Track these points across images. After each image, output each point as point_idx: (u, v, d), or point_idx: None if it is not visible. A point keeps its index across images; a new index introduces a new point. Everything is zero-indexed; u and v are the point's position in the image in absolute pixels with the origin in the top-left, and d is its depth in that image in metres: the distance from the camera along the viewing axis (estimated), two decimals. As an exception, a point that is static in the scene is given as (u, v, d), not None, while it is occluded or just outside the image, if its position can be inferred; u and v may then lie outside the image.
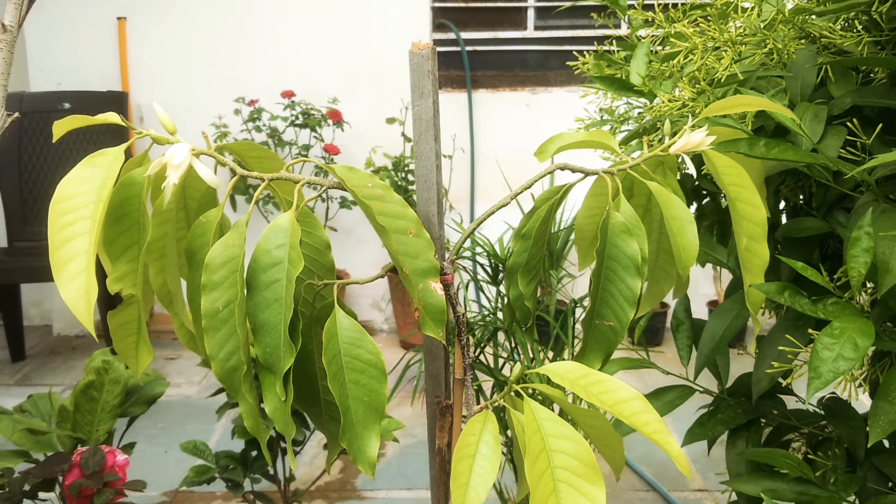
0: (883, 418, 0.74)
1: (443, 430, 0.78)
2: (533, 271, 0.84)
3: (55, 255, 0.59)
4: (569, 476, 0.64)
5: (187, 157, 0.65)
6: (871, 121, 0.89)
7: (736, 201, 0.75)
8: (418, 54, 0.71)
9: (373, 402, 0.67)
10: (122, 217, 0.65)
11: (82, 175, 0.61)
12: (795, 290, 0.81)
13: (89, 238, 0.59)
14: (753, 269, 0.77)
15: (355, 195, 0.68)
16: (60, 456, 1.23)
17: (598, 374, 0.68)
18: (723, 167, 0.74)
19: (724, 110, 0.74)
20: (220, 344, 0.63)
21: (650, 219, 0.87)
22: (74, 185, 0.61)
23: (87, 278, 0.58)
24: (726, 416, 1.04)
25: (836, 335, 0.74)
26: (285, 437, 0.64)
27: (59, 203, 0.60)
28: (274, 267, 0.64)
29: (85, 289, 0.58)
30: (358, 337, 0.67)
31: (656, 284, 0.91)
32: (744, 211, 0.75)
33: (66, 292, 0.58)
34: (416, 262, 0.70)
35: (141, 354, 0.70)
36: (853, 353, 0.72)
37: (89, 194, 0.60)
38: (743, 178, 0.74)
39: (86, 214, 0.60)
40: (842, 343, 0.73)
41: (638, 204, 0.86)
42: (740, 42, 0.92)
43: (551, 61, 3.25)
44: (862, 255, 0.75)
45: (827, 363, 0.72)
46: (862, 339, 0.72)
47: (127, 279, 0.65)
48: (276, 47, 3.18)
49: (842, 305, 0.79)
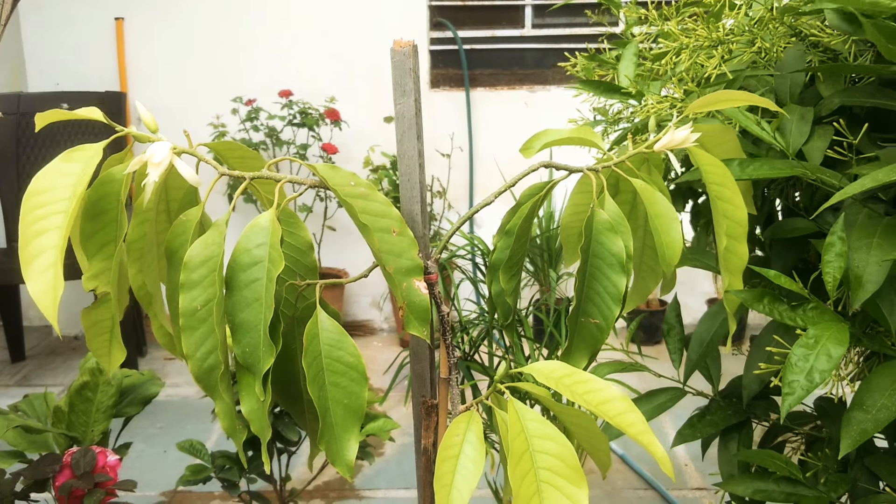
0: (855, 428, 0.73)
1: (428, 429, 0.78)
2: (515, 267, 0.83)
3: (25, 248, 0.58)
4: (552, 477, 0.64)
5: (168, 155, 0.65)
6: (861, 119, 0.88)
7: (717, 200, 0.75)
8: (400, 52, 0.71)
9: (352, 404, 0.67)
10: (100, 214, 0.64)
11: (58, 169, 0.60)
12: (774, 296, 0.80)
13: (60, 233, 0.58)
14: (732, 269, 0.77)
15: (337, 194, 0.67)
16: (52, 457, 1.23)
17: (582, 374, 0.68)
18: (707, 165, 0.74)
19: (709, 107, 0.73)
20: (197, 343, 0.62)
21: (636, 216, 0.87)
22: (50, 179, 0.60)
23: (55, 273, 0.57)
24: (717, 417, 1.04)
25: (811, 345, 0.73)
26: (261, 439, 0.63)
27: (32, 197, 0.59)
28: (254, 266, 0.64)
29: (52, 283, 0.57)
30: (339, 339, 0.67)
31: (642, 281, 0.90)
32: (725, 210, 0.75)
33: (34, 286, 0.57)
34: (400, 261, 0.70)
35: (113, 353, 0.69)
36: (827, 364, 0.71)
37: (64, 189, 0.59)
38: (726, 177, 0.73)
39: (59, 209, 0.59)
40: (816, 354, 0.72)
41: (624, 201, 0.86)
42: (729, 41, 0.92)
43: (549, 59, 3.24)
44: (836, 260, 0.75)
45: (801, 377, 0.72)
46: (835, 348, 0.72)
47: (102, 277, 0.65)
48: (273, 47, 3.18)
49: (821, 310, 0.78)
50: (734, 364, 1.15)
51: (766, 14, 0.91)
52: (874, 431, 0.72)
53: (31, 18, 3.16)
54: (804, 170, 0.80)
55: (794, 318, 0.78)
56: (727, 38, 0.92)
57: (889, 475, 0.90)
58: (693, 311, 3.07)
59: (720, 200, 0.75)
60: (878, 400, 0.72)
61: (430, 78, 3.26)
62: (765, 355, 0.92)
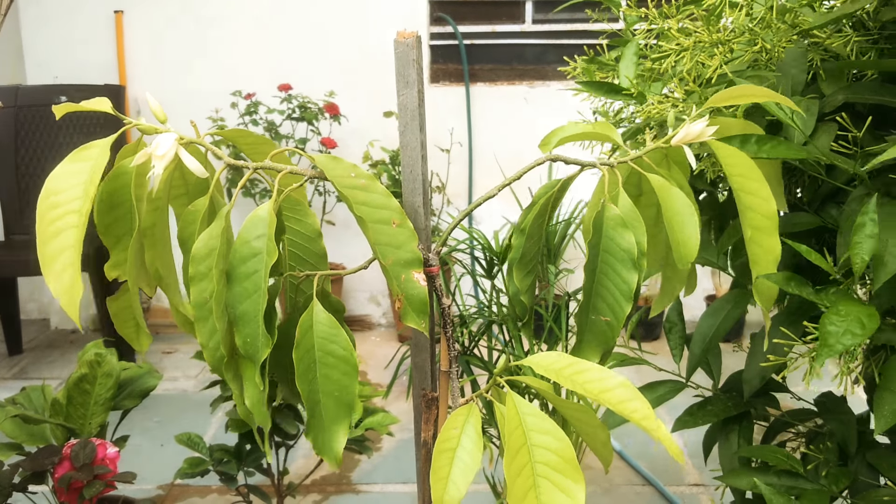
0: (887, 407, 0.73)
1: (428, 422, 0.78)
2: (529, 266, 0.83)
3: (44, 249, 0.60)
4: (549, 472, 0.63)
5: (173, 146, 0.65)
6: (863, 116, 0.88)
7: (740, 192, 0.74)
8: (403, 43, 0.70)
9: (343, 396, 0.67)
10: (116, 206, 0.66)
11: (69, 170, 0.62)
12: (801, 279, 0.80)
13: (76, 232, 0.60)
14: (762, 263, 0.74)
15: (335, 184, 0.67)
16: (51, 448, 1.23)
17: (582, 363, 0.67)
18: (726, 157, 0.73)
19: (726, 101, 0.72)
20: (209, 333, 0.64)
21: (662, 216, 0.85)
22: (62, 180, 0.62)
23: (74, 272, 0.60)
24: (717, 408, 1.04)
25: (843, 315, 0.73)
26: (262, 428, 0.63)
27: (47, 198, 0.61)
28: (254, 258, 0.64)
29: (71, 282, 0.59)
30: (333, 332, 0.67)
31: (669, 283, 0.89)
32: (749, 202, 0.73)
33: (55, 285, 0.60)
34: (399, 253, 0.69)
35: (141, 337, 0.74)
36: (860, 329, 0.71)
37: (76, 188, 0.61)
38: (749, 168, 0.72)
39: (73, 208, 0.61)
40: (849, 321, 0.72)
41: (650, 202, 0.84)
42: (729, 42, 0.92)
43: (549, 55, 3.24)
44: (866, 242, 0.74)
45: (835, 336, 0.71)
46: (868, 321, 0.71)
47: (123, 266, 0.67)
48: (273, 40, 3.17)
49: (843, 294, 0.78)
50: (734, 361, 1.15)
51: (767, 14, 0.90)
52: None
53: (30, 11, 3.15)
54: (819, 154, 0.80)
55: (821, 300, 0.77)
56: (728, 38, 0.92)
57: (890, 469, 0.90)
58: (692, 308, 3.07)
59: (744, 193, 0.73)
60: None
61: (429, 73, 3.25)
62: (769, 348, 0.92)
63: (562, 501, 0.62)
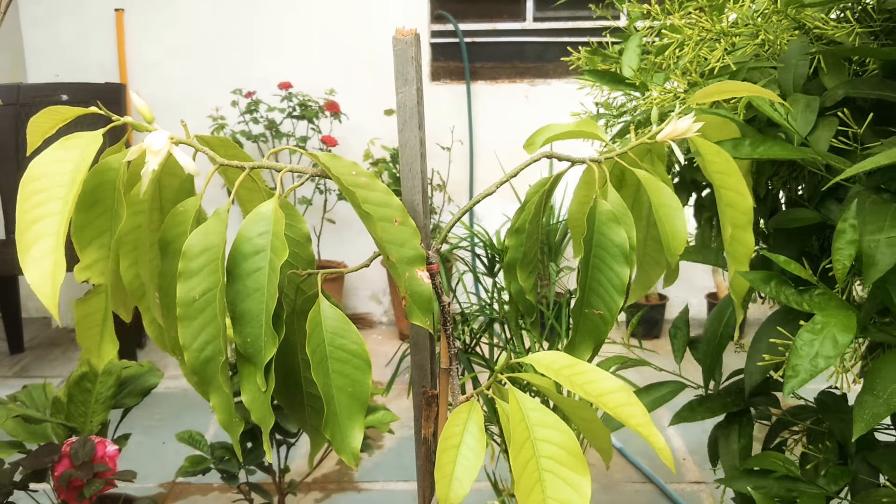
0: (868, 412, 0.73)
1: (428, 419, 0.78)
2: (531, 264, 0.83)
3: (22, 235, 0.56)
4: (554, 465, 0.63)
5: (166, 143, 0.64)
6: (864, 111, 0.88)
7: (721, 189, 0.75)
8: (402, 40, 0.70)
9: (357, 392, 0.66)
10: (95, 203, 0.63)
11: (56, 156, 0.59)
12: (781, 280, 0.80)
13: (59, 219, 0.57)
14: (739, 258, 0.76)
15: (339, 182, 0.67)
16: (51, 447, 1.23)
17: (582, 365, 0.67)
18: (709, 155, 0.74)
19: (712, 97, 0.73)
20: (194, 333, 0.61)
21: (639, 208, 0.86)
22: (48, 166, 0.59)
23: (55, 260, 0.56)
24: (716, 404, 1.04)
25: (818, 330, 0.73)
26: (262, 427, 0.63)
27: (29, 183, 0.58)
28: (256, 255, 0.63)
29: (51, 271, 0.55)
30: (342, 327, 0.67)
31: (644, 273, 0.90)
32: (729, 199, 0.75)
33: (31, 274, 0.55)
34: (402, 251, 0.70)
35: (104, 347, 0.68)
36: (832, 350, 0.71)
37: (63, 175, 0.58)
38: (729, 165, 0.73)
39: (57, 195, 0.58)
40: (822, 339, 0.72)
41: (628, 193, 0.86)
42: (732, 34, 0.92)
43: (550, 53, 3.24)
44: (846, 248, 0.75)
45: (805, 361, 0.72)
46: (842, 335, 0.72)
47: (96, 268, 0.63)
48: (274, 39, 3.17)
49: (828, 297, 0.78)
50: (735, 361, 1.15)
51: (770, 7, 0.90)
52: (887, 415, 0.72)
53: (31, 9, 3.15)
54: (814, 154, 0.80)
55: (800, 303, 0.78)
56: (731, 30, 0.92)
57: (890, 469, 0.90)
58: (693, 306, 3.07)
59: (724, 189, 0.75)
60: (888, 385, 0.73)
61: (430, 70, 3.25)
62: (767, 347, 0.92)
63: (567, 494, 0.62)
